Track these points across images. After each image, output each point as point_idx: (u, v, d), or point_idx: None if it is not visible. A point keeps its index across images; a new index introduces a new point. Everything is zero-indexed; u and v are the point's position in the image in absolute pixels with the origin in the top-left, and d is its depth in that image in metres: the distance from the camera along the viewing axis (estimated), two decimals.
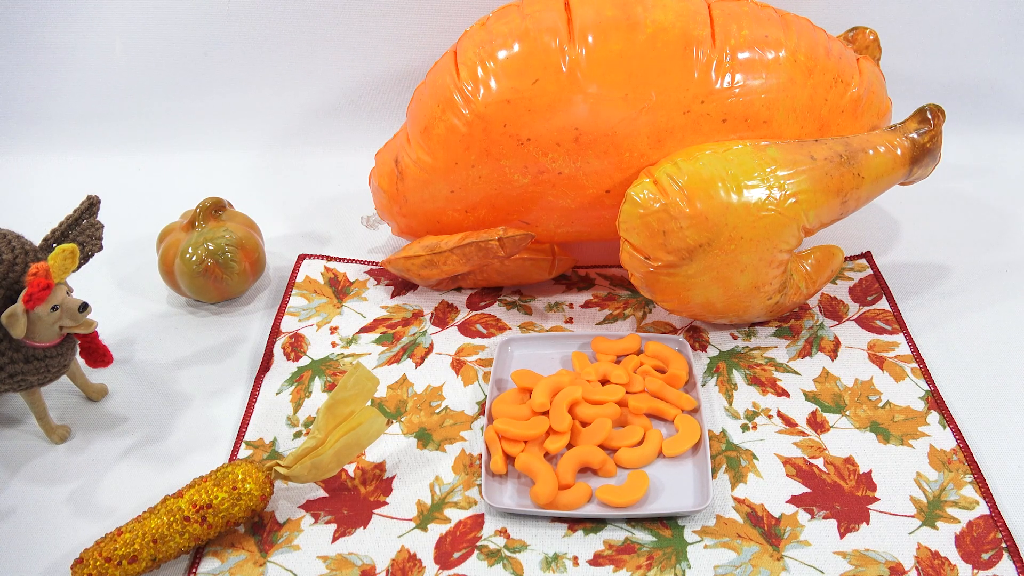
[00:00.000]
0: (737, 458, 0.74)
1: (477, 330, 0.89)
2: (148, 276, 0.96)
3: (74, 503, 0.73)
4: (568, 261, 0.92)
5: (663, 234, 0.76)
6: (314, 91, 1.16)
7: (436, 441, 0.77)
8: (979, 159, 1.12)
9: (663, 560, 0.66)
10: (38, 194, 1.12)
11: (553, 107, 0.80)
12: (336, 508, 0.71)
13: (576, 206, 0.85)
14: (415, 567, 0.66)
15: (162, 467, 0.76)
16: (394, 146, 0.90)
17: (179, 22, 1.11)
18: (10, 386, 0.73)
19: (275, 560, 0.67)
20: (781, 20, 0.83)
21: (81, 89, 1.15)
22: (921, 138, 0.83)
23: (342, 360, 0.85)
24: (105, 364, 0.77)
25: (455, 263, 0.87)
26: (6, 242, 0.72)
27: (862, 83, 0.85)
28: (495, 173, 0.83)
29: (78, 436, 0.78)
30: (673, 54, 0.79)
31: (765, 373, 0.82)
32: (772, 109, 0.81)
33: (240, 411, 0.81)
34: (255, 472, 0.68)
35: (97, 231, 0.76)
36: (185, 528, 0.65)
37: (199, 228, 0.90)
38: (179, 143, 1.18)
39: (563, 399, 0.75)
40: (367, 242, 1.02)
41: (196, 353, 0.87)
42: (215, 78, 1.15)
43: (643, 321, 0.89)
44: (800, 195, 0.76)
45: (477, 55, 0.81)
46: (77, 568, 0.64)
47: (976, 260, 0.96)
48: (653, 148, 0.80)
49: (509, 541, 0.68)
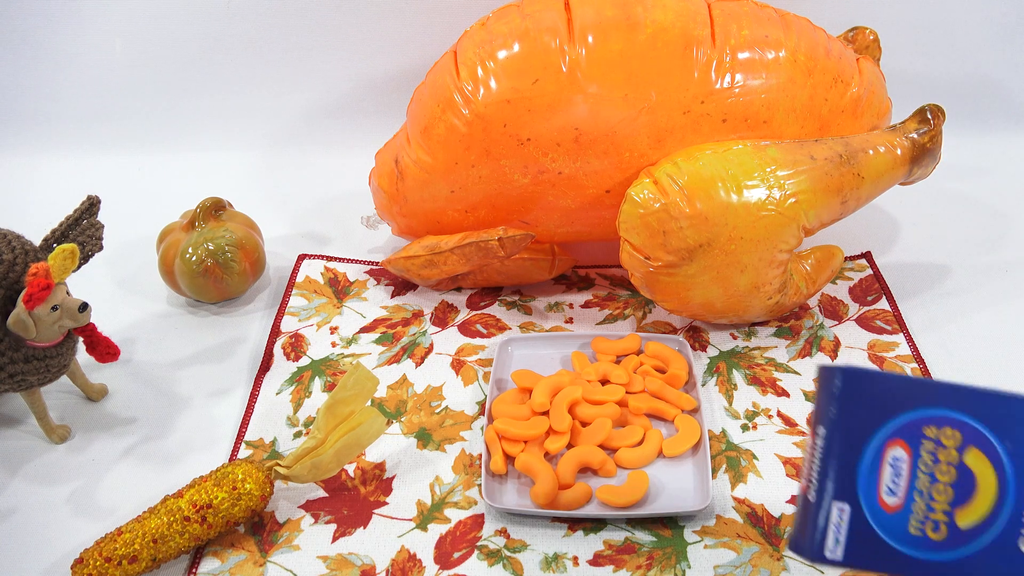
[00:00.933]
0: (737, 458, 0.74)
1: (477, 330, 0.89)
2: (148, 276, 0.96)
3: (74, 503, 0.73)
4: (568, 261, 0.92)
5: (663, 234, 0.76)
6: (314, 91, 1.16)
7: (436, 441, 0.77)
8: (979, 159, 1.12)
9: (663, 560, 0.66)
10: (38, 194, 1.12)
11: (553, 107, 0.80)
12: (336, 508, 0.71)
13: (576, 206, 0.85)
14: (415, 567, 0.66)
15: (162, 467, 0.76)
16: (394, 146, 0.90)
17: (179, 22, 1.11)
18: (10, 386, 0.73)
19: (275, 560, 0.67)
20: (781, 20, 0.83)
21: (81, 89, 1.15)
22: (921, 138, 0.83)
23: (342, 360, 0.85)
24: (114, 358, 0.76)
25: (455, 263, 0.87)
26: (6, 242, 0.72)
27: (862, 83, 0.85)
28: (495, 173, 0.83)
29: (78, 436, 0.78)
30: (673, 54, 0.79)
31: (765, 373, 0.82)
32: (772, 109, 0.81)
33: (240, 411, 0.81)
34: (255, 472, 0.68)
35: (97, 231, 0.76)
36: (185, 528, 0.65)
37: (199, 228, 0.90)
38: (179, 143, 1.18)
39: (563, 399, 0.75)
40: (367, 242, 1.02)
41: (196, 353, 0.87)
42: (215, 78, 1.15)
43: (643, 321, 0.89)
44: (800, 195, 0.76)
45: (477, 55, 0.82)
46: (77, 568, 0.64)
47: (976, 260, 0.96)
48: (653, 148, 0.80)
49: (509, 541, 0.68)
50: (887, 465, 0.47)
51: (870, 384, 0.47)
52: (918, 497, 0.47)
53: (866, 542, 0.47)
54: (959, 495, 0.47)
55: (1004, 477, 0.47)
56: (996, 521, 0.47)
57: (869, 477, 0.47)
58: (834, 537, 0.47)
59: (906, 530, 0.47)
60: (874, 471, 0.47)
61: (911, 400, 0.47)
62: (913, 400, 0.47)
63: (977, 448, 0.47)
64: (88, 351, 0.76)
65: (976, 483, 0.47)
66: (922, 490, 0.47)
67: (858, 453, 0.47)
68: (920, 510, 0.47)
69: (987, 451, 0.47)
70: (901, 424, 0.47)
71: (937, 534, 0.47)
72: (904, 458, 0.47)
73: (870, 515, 0.47)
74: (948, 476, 0.47)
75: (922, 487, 0.47)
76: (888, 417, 0.47)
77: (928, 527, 0.47)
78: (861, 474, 0.47)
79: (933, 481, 0.47)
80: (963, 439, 0.47)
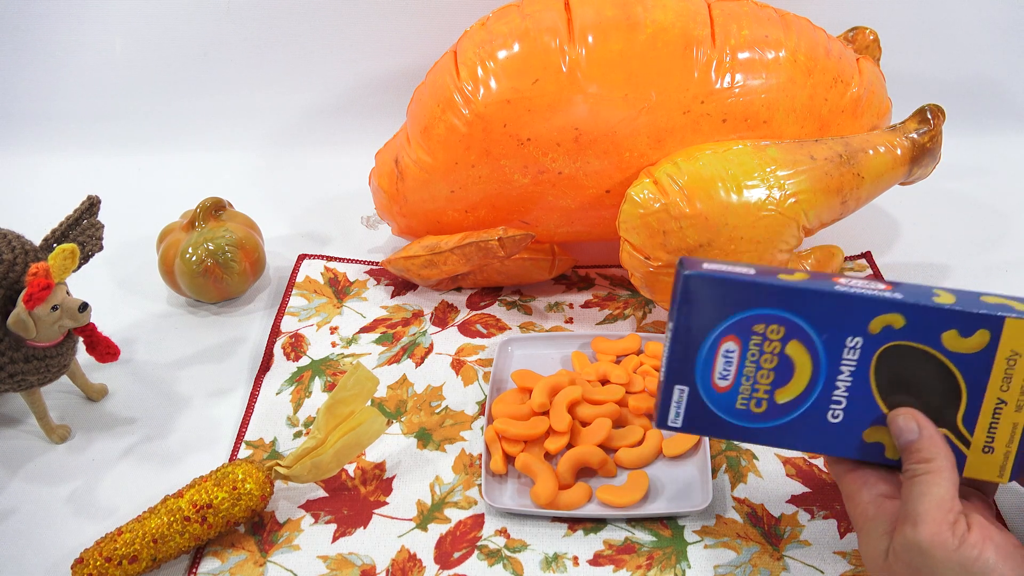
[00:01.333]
0: (737, 458, 0.74)
1: (477, 330, 0.89)
2: (148, 276, 0.96)
3: (74, 503, 0.73)
4: (568, 261, 0.92)
5: (663, 234, 0.76)
6: (314, 91, 1.16)
7: (436, 441, 0.77)
8: (979, 159, 1.12)
9: (663, 560, 0.66)
10: (38, 194, 1.12)
11: (553, 107, 0.80)
12: (336, 508, 0.71)
13: (576, 206, 0.85)
14: (415, 567, 0.66)
15: (162, 467, 0.76)
16: (394, 146, 0.90)
17: (179, 22, 1.11)
18: (10, 386, 0.73)
19: (275, 560, 0.67)
20: (781, 20, 0.83)
21: (81, 89, 1.15)
22: (921, 138, 0.83)
23: (342, 360, 0.85)
24: (114, 358, 0.76)
25: (455, 263, 0.87)
26: (6, 242, 0.72)
27: (862, 83, 0.85)
28: (495, 173, 0.83)
29: (78, 436, 0.78)
30: (673, 54, 0.79)
31: None
32: (772, 109, 0.81)
33: (240, 411, 0.81)
34: (255, 472, 0.68)
35: (97, 231, 0.76)
36: (185, 528, 0.65)
37: (199, 228, 0.90)
38: (179, 143, 1.18)
39: (563, 399, 0.75)
40: (367, 242, 1.02)
41: (196, 353, 0.87)
42: (215, 78, 1.15)
43: (643, 321, 0.89)
44: (800, 195, 0.76)
45: (477, 55, 0.82)
46: (77, 568, 0.64)
47: (976, 260, 0.96)
48: (653, 148, 0.80)
49: (509, 541, 0.68)
50: (720, 356, 0.57)
51: (709, 288, 0.55)
52: (745, 381, 0.57)
53: (700, 415, 0.58)
54: (779, 378, 0.57)
55: (819, 363, 0.56)
56: (809, 398, 0.57)
57: (705, 365, 0.57)
58: (675, 411, 0.58)
59: (733, 405, 0.58)
60: (709, 360, 0.57)
61: (744, 302, 0.55)
62: (746, 302, 0.55)
63: (798, 340, 0.56)
64: (88, 351, 0.76)
65: (794, 368, 0.56)
66: (748, 375, 0.57)
67: (696, 346, 0.57)
68: (746, 391, 0.57)
69: (806, 343, 0.56)
70: (734, 322, 0.56)
71: (759, 408, 0.58)
72: (735, 350, 0.56)
73: (704, 395, 0.58)
74: (771, 363, 0.56)
75: (749, 373, 0.57)
76: (723, 317, 0.56)
77: (752, 403, 0.57)
78: (699, 363, 0.57)
79: (758, 368, 0.57)
80: (786, 333, 0.56)
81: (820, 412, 0.57)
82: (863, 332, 0.55)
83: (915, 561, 0.52)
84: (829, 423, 0.57)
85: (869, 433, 0.57)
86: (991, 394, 0.55)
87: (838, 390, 0.57)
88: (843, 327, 0.55)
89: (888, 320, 0.55)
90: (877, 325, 0.55)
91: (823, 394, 0.57)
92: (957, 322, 0.54)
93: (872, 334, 0.55)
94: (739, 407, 0.58)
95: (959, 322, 0.54)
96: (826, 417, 0.57)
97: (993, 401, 0.55)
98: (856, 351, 0.56)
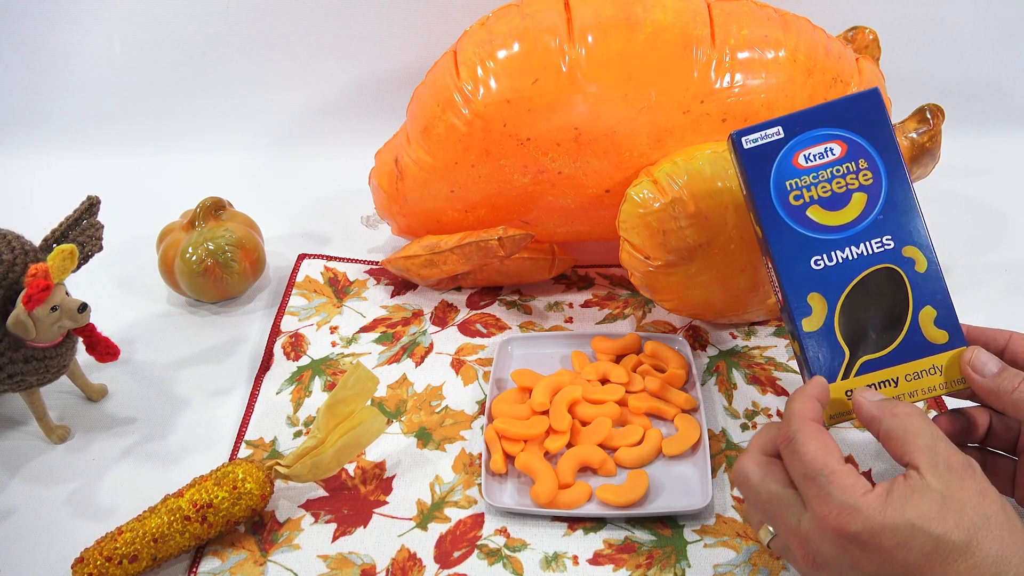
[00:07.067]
0: (737, 458, 0.74)
1: (477, 330, 0.89)
2: (148, 276, 0.96)
3: (74, 503, 0.73)
4: (568, 261, 0.92)
5: (663, 234, 0.76)
6: (314, 91, 1.16)
7: (436, 440, 0.77)
8: (979, 159, 1.12)
9: (663, 559, 0.66)
10: (38, 194, 1.12)
11: (553, 107, 0.80)
12: (336, 507, 0.71)
13: (576, 206, 0.85)
14: (415, 566, 0.66)
15: (162, 467, 0.76)
16: (394, 146, 0.90)
17: (179, 22, 1.11)
18: (10, 386, 0.73)
19: (275, 559, 0.67)
20: (781, 20, 0.83)
21: (81, 89, 1.15)
22: (920, 138, 0.83)
23: (342, 360, 0.85)
24: (114, 357, 0.76)
25: (455, 263, 0.87)
26: (6, 242, 0.72)
27: (862, 83, 0.85)
28: (495, 173, 0.83)
29: (78, 436, 0.78)
30: (673, 54, 0.79)
31: (765, 372, 0.82)
32: (772, 109, 0.81)
33: (240, 411, 0.81)
34: (255, 472, 0.68)
35: (97, 231, 0.76)
36: (185, 527, 0.65)
37: (199, 228, 0.90)
38: (179, 143, 1.18)
39: (563, 398, 0.76)
40: (367, 242, 1.02)
41: (196, 353, 0.87)
42: (215, 78, 1.15)
43: (643, 321, 0.89)
44: None
45: (477, 55, 0.82)
46: (77, 568, 0.64)
47: (976, 260, 0.96)
48: (653, 148, 0.80)
49: (509, 540, 0.68)
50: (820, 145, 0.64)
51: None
52: (815, 175, 0.64)
53: (764, 160, 0.65)
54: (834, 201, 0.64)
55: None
56: (842, 231, 0.64)
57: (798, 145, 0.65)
58: (760, 137, 0.65)
59: (785, 185, 0.64)
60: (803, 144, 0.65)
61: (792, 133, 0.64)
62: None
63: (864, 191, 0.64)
64: (88, 351, 0.76)
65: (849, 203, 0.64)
66: (820, 177, 0.64)
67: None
68: (807, 184, 0.64)
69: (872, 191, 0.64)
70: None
71: (797, 202, 0.64)
72: (838, 151, 0.64)
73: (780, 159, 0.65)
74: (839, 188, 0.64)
75: (823, 176, 0.64)
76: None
77: (804, 197, 0.64)
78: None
79: (832, 178, 0.64)
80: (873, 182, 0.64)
81: (831, 249, 0.63)
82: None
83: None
84: (826, 265, 0.63)
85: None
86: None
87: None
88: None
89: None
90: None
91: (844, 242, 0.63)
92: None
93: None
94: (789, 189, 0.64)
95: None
96: (831, 255, 0.63)
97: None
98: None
